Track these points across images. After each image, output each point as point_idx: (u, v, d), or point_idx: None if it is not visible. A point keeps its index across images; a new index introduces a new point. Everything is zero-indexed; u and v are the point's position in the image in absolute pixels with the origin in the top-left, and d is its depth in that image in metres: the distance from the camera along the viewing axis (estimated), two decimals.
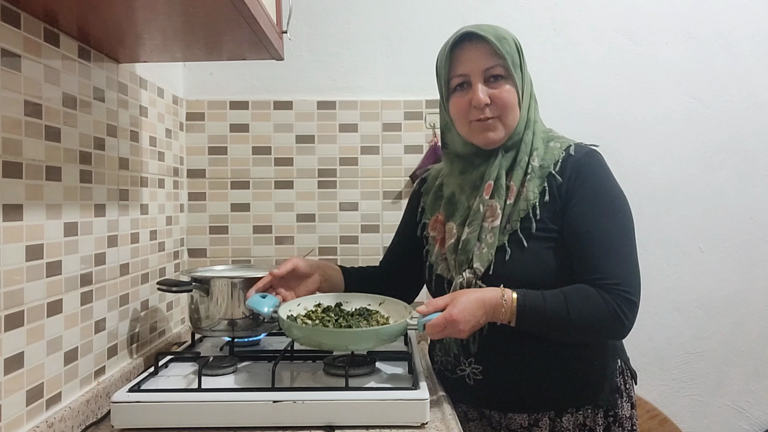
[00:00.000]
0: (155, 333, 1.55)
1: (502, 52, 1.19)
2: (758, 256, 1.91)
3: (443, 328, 1.08)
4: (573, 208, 1.18)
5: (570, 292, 1.13)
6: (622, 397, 1.25)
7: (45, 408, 1.03)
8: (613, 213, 1.18)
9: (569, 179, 1.19)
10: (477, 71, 1.20)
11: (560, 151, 1.22)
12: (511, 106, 1.21)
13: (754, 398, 1.92)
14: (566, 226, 1.18)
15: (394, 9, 1.86)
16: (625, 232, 1.18)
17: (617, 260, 1.14)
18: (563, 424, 1.21)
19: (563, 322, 1.11)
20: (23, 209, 0.97)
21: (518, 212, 1.19)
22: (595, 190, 1.19)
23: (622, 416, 1.24)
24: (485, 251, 1.19)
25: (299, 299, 1.30)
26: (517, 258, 1.18)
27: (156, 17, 1.05)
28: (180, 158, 1.79)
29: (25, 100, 0.98)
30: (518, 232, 1.19)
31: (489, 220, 1.21)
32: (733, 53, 1.89)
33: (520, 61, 1.23)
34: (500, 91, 1.20)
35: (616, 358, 1.26)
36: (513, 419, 1.23)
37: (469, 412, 1.29)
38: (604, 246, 1.15)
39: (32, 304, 1.00)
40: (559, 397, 1.21)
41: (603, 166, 1.22)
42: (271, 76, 1.85)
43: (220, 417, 1.05)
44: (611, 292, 1.12)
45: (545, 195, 1.19)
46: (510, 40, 1.22)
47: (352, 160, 1.84)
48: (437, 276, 1.28)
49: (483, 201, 1.22)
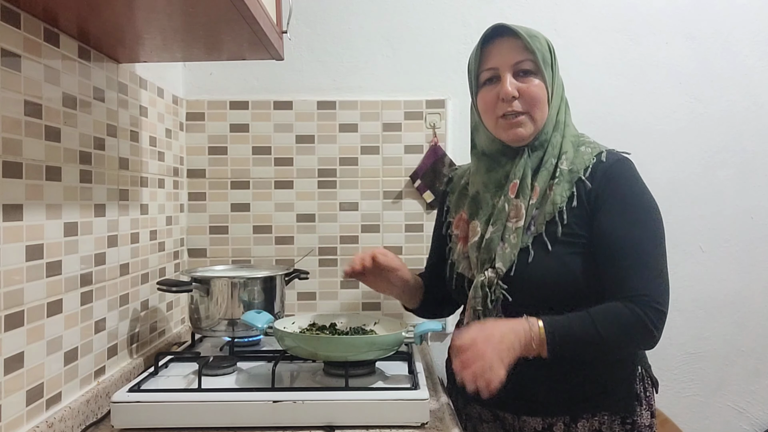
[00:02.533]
0: (155, 333, 1.55)
1: (533, 47, 1.18)
2: (758, 256, 1.91)
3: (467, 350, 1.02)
4: (603, 216, 1.15)
5: (595, 310, 1.10)
6: (641, 404, 1.20)
7: (45, 408, 1.03)
8: (644, 223, 1.16)
9: (599, 186, 1.16)
10: (506, 65, 1.19)
11: (591, 156, 1.20)
12: (539, 102, 1.19)
13: (754, 398, 1.92)
14: (596, 234, 1.15)
15: (394, 9, 1.86)
16: (655, 243, 1.15)
17: (647, 272, 1.12)
18: (578, 430, 1.17)
19: (593, 342, 1.08)
20: (23, 209, 0.97)
21: (544, 215, 1.17)
22: (626, 199, 1.16)
23: (641, 424, 1.19)
24: (508, 251, 1.17)
25: (293, 317, 1.34)
26: (541, 261, 1.15)
27: (156, 17, 1.05)
28: (180, 158, 1.79)
29: (25, 100, 0.98)
30: (543, 236, 1.16)
31: (513, 220, 1.18)
32: (733, 53, 1.89)
33: (552, 60, 1.21)
34: (529, 85, 1.19)
35: (636, 364, 1.22)
36: (527, 422, 1.20)
37: (482, 414, 1.27)
38: (634, 257, 1.12)
39: (32, 304, 1.00)
40: (574, 401, 1.17)
41: (635, 175, 1.20)
42: (271, 76, 1.85)
43: (220, 417, 1.05)
44: (639, 303, 1.09)
45: (573, 200, 1.16)
46: (542, 39, 1.21)
47: (352, 160, 1.84)
48: (458, 275, 1.26)
49: (508, 200, 1.19)
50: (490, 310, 1.17)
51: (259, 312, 1.26)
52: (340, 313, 1.38)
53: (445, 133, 1.83)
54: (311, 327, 1.32)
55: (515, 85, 1.18)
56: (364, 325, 1.32)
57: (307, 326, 1.33)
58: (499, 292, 1.16)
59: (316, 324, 1.33)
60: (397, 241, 1.84)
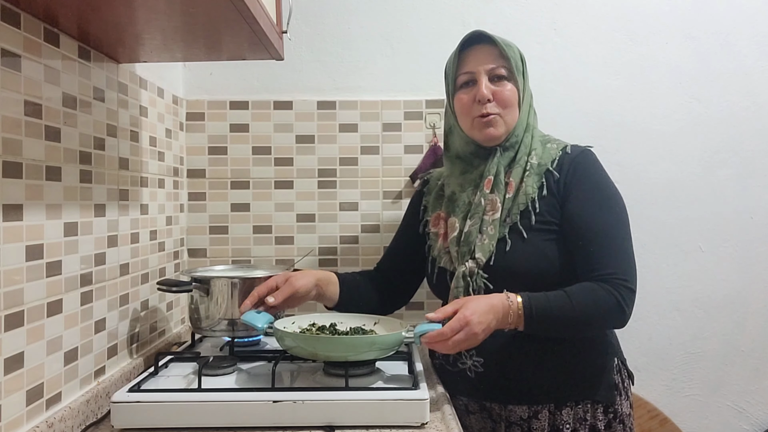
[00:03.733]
0: (155, 333, 1.55)
1: (507, 55, 1.28)
2: (758, 256, 1.91)
3: (459, 330, 1.09)
4: (571, 203, 1.24)
5: (571, 289, 1.17)
6: (621, 395, 1.28)
7: (45, 408, 1.03)
8: (609, 207, 1.25)
9: (566, 175, 1.26)
10: (482, 69, 1.29)
11: (557, 150, 1.30)
12: (511, 105, 1.29)
13: (754, 398, 1.92)
14: (566, 220, 1.24)
15: (394, 9, 1.86)
16: (621, 225, 1.24)
17: (615, 252, 1.21)
18: (563, 417, 1.23)
19: (568, 318, 1.15)
20: (23, 209, 0.97)
21: (518, 206, 1.26)
22: (591, 187, 1.26)
23: (622, 413, 1.27)
24: (486, 242, 1.25)
25: (294, 317, 1.35)
26: (518, 249, 1.23)
27: (156, 17, 1.05)
28: (180, 158, 1.79)
29: (25, 100, 0.98)
30: (518, 225, 1.24)
31: (490, 213, 1.27)
32: (733, 53, 1.89)
33: (523, 69, 1.32)
34: (503, 89, 1.29)
35: (613, 356, 1.29)
36: (513, 411, 1.26)
37: (469, 405, 1.32)
38: (602, 239, 1.21)
39: (32, 304, 1.00)
40: (557, 389, 1.24)
41: (597, 164, 1.30)
42: (271, 76, 1.85)
43: (220, 417, 1.05)
44: (611, 282, 1.17)
45: (543, 189, 1.26)
46: (515, 49, 1.32)
47: (352, 160, 1.84)
48: (440, 269, 1.33)
49: (484, 195, 1.28)
50: None
51: (259, 312, 1.25)
52: (340, 313, 1.38)
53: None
54: (311, 327, 1.32)
55: (490, 88, 1.28)
56: (364, 325, 1.33)
57: (307, 326, 1.33)
58: (480, 282, 1.24)
59: (316, 324, 1.33)
60: None
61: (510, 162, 1.30)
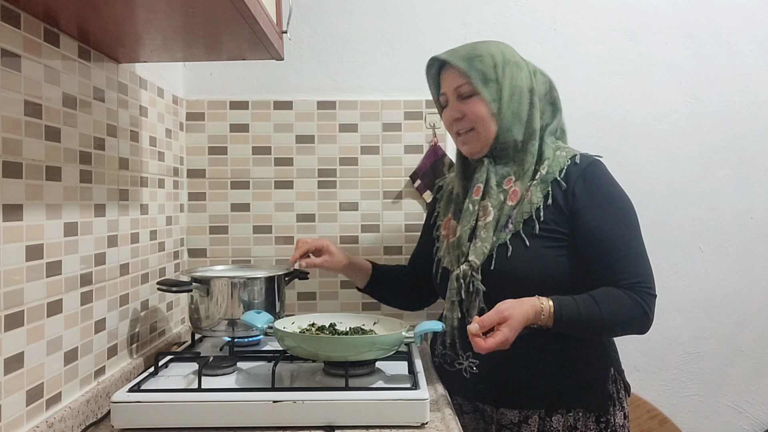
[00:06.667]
0: (155, 333, 1.55)
1: (466, 72, 1.29)
2: (758, 256, 1.91)
3: (496, 322, 1.11)
4: (587, 215, 1.25)
5: (599, 295, 1.19)
6: (614, 405, 1.28)
7: (45, 408, 1.03)
8: (625, 217, 1.27)
9: (574, 186, 1.26)
10: (450, 90, 1.34)
11: (566, 159, 1.29)
12: (481, 119, 1.30)
13: (754, 398, 1.92)
14: (581, 231, 1.25)
15: (394, 9, 1.86)
16: (637, 234, 1.27)
17: (636, 261, 1.24)
18: (552, 424, 1.24)
19: (595, 324, 1.18)
20: (23, 209, 0.97)
21: (522, 214, 1.26)
22: (607, 199, 1.27)
23: (615, 424, 1.27)
24: (479, 245, 1.27)
25: (294, 317, 1.36)
26: (519, 255, 1.25)
27: (156, 17, 1.05)
28: (180, 158, 1.79)
29: (25, 100, 0.98)
30: (521, 233, 1.25)
31: (483, 219, 1.29)
32: (733, 53, 1.89)
33: (497, 75, 1.29)
34: (469, 106, 1.31)
35: (609, 366, 1.29)
36: (504, 414, 1.27)
37: (464, 405, 1.35)
38: (625, 250, 1.23)
39: (32, 304, 1.00)
40: (549, 396, 1.25)
41: (608, 176, 1.30)
42: (271, 76, 1.85)
43: (220, 417, 1.05)
44: (636, 290, 1.20)
45: (548, 199, 1.26)
46: (485, 57, 1.30)
47: (352, 160, 1.84)
48: (443, 269, 1.38)
49: (474, 202, 1.31)
50: (471, 301, 1.26)
51: (259, 312, 1.26)
52: (340, 313, 1.38)
53: (445, 133, 1.82)
54: (311, 327, 1.33)
55: (457, 107, 1.32)
56: (363, 325, 1.33)
57: (307, 326, 1.33)
58: (476, 284, 1.26)
59: (315, 324, 1.34)
60: (396, 241, 1.84)
61: (516, 168, 1.31)
